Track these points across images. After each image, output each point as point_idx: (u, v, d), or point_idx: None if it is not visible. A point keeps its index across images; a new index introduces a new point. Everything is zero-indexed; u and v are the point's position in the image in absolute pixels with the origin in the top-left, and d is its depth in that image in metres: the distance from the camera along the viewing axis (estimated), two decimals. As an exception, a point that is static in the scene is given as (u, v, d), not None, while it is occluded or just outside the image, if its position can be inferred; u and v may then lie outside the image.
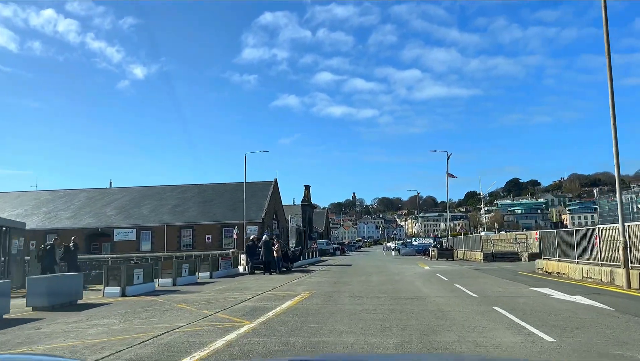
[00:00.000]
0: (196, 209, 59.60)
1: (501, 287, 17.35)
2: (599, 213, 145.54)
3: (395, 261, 40.88)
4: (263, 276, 25.08)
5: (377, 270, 28.13)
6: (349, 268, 31.37)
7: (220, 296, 15.63)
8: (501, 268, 29.51)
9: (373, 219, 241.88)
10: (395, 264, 34.90)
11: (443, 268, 29.11)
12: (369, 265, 34.64)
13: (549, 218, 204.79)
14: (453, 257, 41.92)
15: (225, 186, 63.75)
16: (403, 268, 29.55)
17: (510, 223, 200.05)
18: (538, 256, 36.36)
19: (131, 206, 61.25)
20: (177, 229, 57.28)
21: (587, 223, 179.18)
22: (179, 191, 63.73)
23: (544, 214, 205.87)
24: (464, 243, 44.90)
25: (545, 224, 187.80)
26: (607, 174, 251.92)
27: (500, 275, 23.41)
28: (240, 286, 19.30)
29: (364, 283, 19.37)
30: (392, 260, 43.95)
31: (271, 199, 60.54)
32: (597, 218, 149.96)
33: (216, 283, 21.54)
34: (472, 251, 41.34)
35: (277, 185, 63.94)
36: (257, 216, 57.06)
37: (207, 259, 25.23)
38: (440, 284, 18.89)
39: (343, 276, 23.42)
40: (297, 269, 30.44)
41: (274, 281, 21.49)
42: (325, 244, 68.15)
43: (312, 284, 19.16)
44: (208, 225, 56.73)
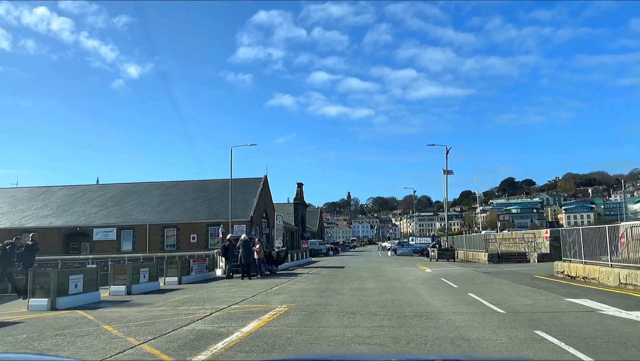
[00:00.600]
0: (181, 207, 55.89)
1: (527, 297, 13.83)
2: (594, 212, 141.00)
3: (392, 263, 37.36)
4: (241, 281, 21.46)
5: (373, 274, 24.58)
6: (341, 270, 27.80)
7: (171, 311, 12.02)
8: (511, 270, 26.03)
9: (368, 218, 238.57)
10: (393, 266, 31.39)
11: (447, 271, 25.59)
12: (364, 267, 31.09)
13: (545, 218, 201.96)
14: (454, 258, 38.44)
15: (213, 182, 60.06)
16: (402, 271, 26.01)
17: (505, 223, 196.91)
18: (548, 257, 32.99)
19: (112, 204, 57.47)
20: (160, 228, 53.55)
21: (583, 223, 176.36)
22: (163, 188, 59.98)
23: (539, 214, 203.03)
24: (465, 242, 41.43)
25: (541, 223, 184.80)
26: (603, 174, 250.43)
27: (515, 279, 19.94)
28: (206, 295, 15.67)
29: (357, 292, 15.79)
30: (389, 261, 40.42)
31: (261, 196, 56.92)
32: (593, 217, 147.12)
33: (181, 290, 17.91)
34: (475, 252, 37.86)
35: (267, 182, 60.32)
36: (245, 215, 53.41)
37: (174, 261, 21.57)
38: (450, 293, 15.34)
39: (333, 282, 19.85)
40: (282, 272, 26.86)
41: (250, 288, 17.88)
42: (317, 244, 64.54)
43: (293, 293, 15.56)
44: (193, 224, 53.05)
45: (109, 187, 61.78)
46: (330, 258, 54.67)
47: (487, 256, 34.38)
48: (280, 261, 25.68)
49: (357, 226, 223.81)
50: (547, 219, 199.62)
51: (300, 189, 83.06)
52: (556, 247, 33.17)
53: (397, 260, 42.33)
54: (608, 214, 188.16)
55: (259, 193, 56.37)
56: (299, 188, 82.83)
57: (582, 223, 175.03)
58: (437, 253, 37.93)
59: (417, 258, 46.04)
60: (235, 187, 60.10)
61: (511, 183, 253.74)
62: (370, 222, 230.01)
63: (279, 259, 25.32)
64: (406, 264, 33.68)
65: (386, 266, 32.46)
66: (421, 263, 35.09)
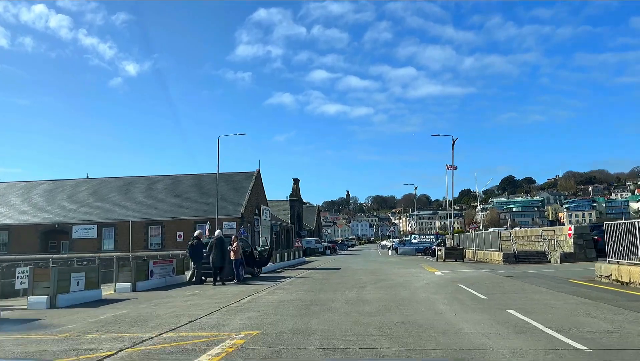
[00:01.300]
0: (167, 203, 51.61)
1: (595, 316, 9.55)
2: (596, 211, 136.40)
3: (394, 263, 33.08)
4: (209, 289, 17.14)
5: (374, 277, 20.28)
6: (336, 273, 23.49)
7: (63, 345, 7.72)
8: (536, 273, 21.75)
9: (367, 217, 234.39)
10: (396, 268, 27.10)
11: (461, 274, 21.32)
12: (363, 269, 26.78)
13: (546, 216, 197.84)
14: (463, 258, 34.15)
15: (202, 177, 55.79)
16: (407, 274, 21.71)
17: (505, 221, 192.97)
18: (572, 257, 28.71)
19: (94, 200, 53.18)
20: (143, 225, 49.28)
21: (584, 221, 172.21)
22: (148, 183, 55.67)
23: (540, 212, 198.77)
24: (474, 241, 37.12)
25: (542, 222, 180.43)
26: (603, 172, 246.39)
27: (551, 286, 15.70)
28: (145, 313, 11.34)
29: (354, 307, 11.50)
30: (390, 261, 36.12)
31: (252, 191, 52.65)
32: (594, 215, 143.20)
33: (123, 302, 13.61)
34: (487, 251, 33.58)
35: (260, 176, 56.03)
36: (235, 211, 49.19)
37: (128, 264, 17.27)
38: (480, 308, 11.05)
39: (323, 290, 15.54)
40: (267, 275, 22.58)
41: (214, 299, 13.59)
42: (314, 242, 60.25)
43: (265, 310, 11.26)
44: (179, 221, 48.76)
45: (92, 182, 57.49)
46: (326, 257, 50.38)
47: (501, 256, 30.10)
48: (263, 262, 21.37)
49: (356, 224, 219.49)
50: (547, 218, 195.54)
51: (297, 185, 78.76)
52: (581, 245, 28.96)
53: (400, 260, 38.06)
54: (610, 213, 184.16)
55: (251, 188, 52.11)
56: (295, 184, 78.52)
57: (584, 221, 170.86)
58: (444, 252, 33.64)
59: (421, 258, 41.77)
60: (225, 182, 55.85)
61: (511, 181, 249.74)
62: (369, 220, 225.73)
63: (261, 260, 21.01)
64: (411, 265, 29.40)
65: (388, 267, 28.16)
66: (427, 264, 30.82)
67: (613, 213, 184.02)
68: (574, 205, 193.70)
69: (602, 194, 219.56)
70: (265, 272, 23.79)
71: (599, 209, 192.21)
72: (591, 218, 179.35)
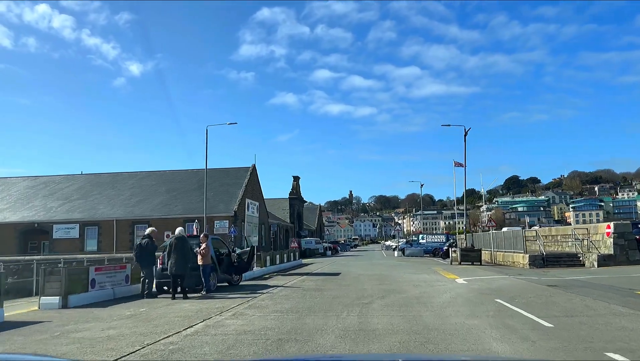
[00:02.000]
0: (155, 201, 47.38)
1: None
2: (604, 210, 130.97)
3: (403, 266, 28.70)
4: (166, 304, 12.80)
5: (381, 287, 15.91)
6: (335, 280, 19.10)
7: None
8: (578, 280, 17.38)
9: (370, 217, 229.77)
10: (406, 272, 22.71)
11: (490, 282, 16.92)
12: (367, 274, 22.38)
13: (552, 216, 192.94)
14: (480, 260, 29.73)
15: (194, 173, 51.52)
16: (422, 283, 17.32)
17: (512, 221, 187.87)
18: (612, 259, 24.18)
19: (77, 197, 48.98)
20: (129, 224, 45.04)
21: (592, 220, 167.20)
22: (136, 179, 51.44)
23: (546, 212, 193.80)
24: (492, 241, 32.66)
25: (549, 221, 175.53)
26: (609, 172, 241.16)
27: (623, 302, 11.33)
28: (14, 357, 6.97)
29: (353, 345, 7.11)
30: (398, 264, 31.71)
31: (247, 188, 48.35)
32: (602, 215, 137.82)
33: (16, 331, 9.29)
34: (508, 253, 29.16)
35: (255, 172, 51.74)
36: (227, 209, 44.94)
37: (57, 272, 12.95)
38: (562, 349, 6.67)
39: (312, 309, 11.14)
40: (248, 283, 18.24)
41: (149, 326, 9.20)
42: (314, 242, 55.86)
43: (208, 352, 6.90)
44: (168, 219, 44.42)
45: (76, 178, 53.28)
46: (327, 259, 45.99)
47: (527, 259, 25.68)
48: (242, 268, 16.95)
49: (359, 224, 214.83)
50: (553, 218, 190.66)
51: (297, 182, 74.45)
52: (623, 246, 24.46)
53: (408, 262, 33.65)
54: (618, 213, 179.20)
55: (246, 185, 47.81)
56: (295, 181, 74.21)
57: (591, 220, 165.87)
58: (460, 254, 29.18)
59: (430, 260, 37.35)
60: (218, 177, 51.60)
61: (516, 180, 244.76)
62: (372, 221, 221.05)
63: (240, 265, 16.62)
64: (423, 269, 24.99)
65: (397, 271, 23.74)
66: (441, 268, 26.42)
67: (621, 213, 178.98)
68: (580, 205, 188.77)
69: (608, 193, 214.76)
70: (248, 278, 19.45)
71: (606, 209, 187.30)
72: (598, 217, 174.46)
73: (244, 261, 16.69)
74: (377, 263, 33.77)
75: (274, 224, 58.80)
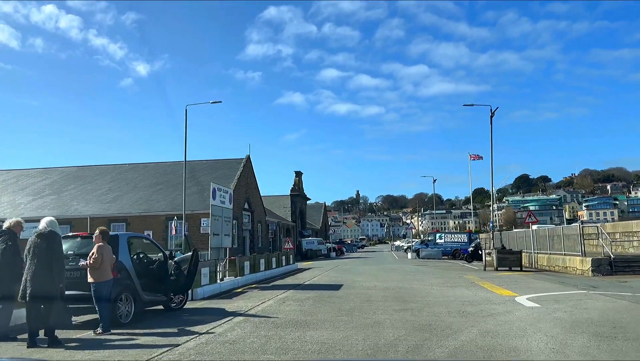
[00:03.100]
0: (135, 196, 41.23)
1: None
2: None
3: (423, 273, 22.23)
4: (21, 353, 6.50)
5: (407, 318, 9.47)
6: (332, 300, 12.58)
7: None
8: None
9: (377, 217, 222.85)
10: (434, 285, 16.25)
11: (578, 306, 10.41)
12: (379, 287, 15.90)
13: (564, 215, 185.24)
14: (521, 265, 23.16)
15: (181, 165, 45.32)
16: (469, 306, 10.87)
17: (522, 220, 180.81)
18: None
19: (50, 192, 42.95)
20: (104, 222, 38.74)
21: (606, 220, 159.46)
22: (117, 172, 45.33)
23: (559, 211, 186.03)
24: (533, 240, 26.04)
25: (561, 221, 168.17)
26: (621, 170, 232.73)
27: None
28: None
29: None
30: (417, 270, 25.22)
31: (240, 182, 42.08)
32: (616, 213, 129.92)
33: None
34: (556, 255, 22.63)
35: (250, 164, 45.45)
36: (216, 204, 38.54)
37: None
38: None
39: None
40: (199, 305, 11.88)
41: None
42: (316, 243, 49.42)
43: None
44: (149, 217, 38.29)
45: (51, 171, 47.24)
46: (330, 262, 39.53)
47: (589, 264, 19.15)
48: (180, 284, 10.41)
49: (366, 224, 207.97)
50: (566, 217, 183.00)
51: (299, 178, 68.08)
52: None
53: (427, 267, 27.17)
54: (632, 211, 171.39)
55: (238, 178, 41.50)
56: (297, 177, 67.85)
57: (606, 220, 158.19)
58: (497, 257, 22.58)
59: (454, 264, 30.85)
60: (207, 170, 45.42)
61: (526, 179, 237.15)
62: (380, 220, 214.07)
63: (178, 280, 10.20)
64: (453, 279, 18.51)
65: (420, 282, 17.26)
66: (476, 275, 19.94)
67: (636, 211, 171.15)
68: (594, 203, 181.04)
69: (620, 192, 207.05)
70: (208, 296, 13.17)
71: (620, 207, 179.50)
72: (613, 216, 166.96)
73: (181, 274, 10.29)
74: (390, 268, 27.28)
75: (273, 223, 52.49)
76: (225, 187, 19.57)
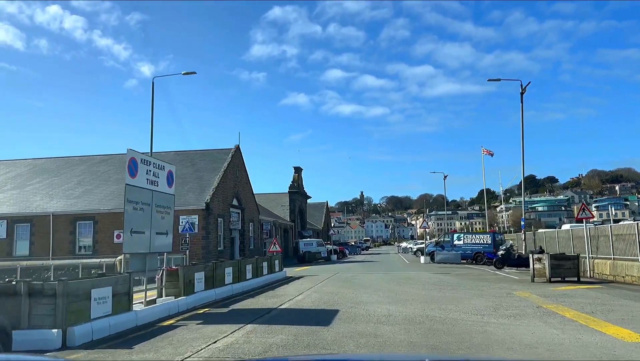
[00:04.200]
0: (106, 190, 35.46)
1: None
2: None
3: (452, 287, 16.25)
4: None
5: None
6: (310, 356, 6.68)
7: None
8: None
9: (382, 218, 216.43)
10: (482, 311, 10.29)
11: None
12: (398, 317, 9.93)
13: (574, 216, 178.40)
14: (578, 274, 17.14)
15: (162, 156, 39.58)
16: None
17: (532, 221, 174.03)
18: None
19: (12, 186, 37.24)
20: (69, 220, 33.09)
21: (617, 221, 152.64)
22: (88, 165, 39.56)
23: (567, 212, 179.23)
24: (588, 242, 19.99)
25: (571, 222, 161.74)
26: (630, 170, 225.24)
27: None
28: None
29: None
30: (440, 281, 19.19)
31: (228, 175, 36.26)
32: (627, 214, 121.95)
33: None
34: (625, 260, 16.60)
35: (240, 155, 39.59)
36: (198, 200, 32.83)
37: None
38: None
39: None
40: None
41: None
42: (315, 244, 43.33)
43: None
44: (119, 214, 32.22)
45: (17, 164, 41.51)
46: (329, 267, 33.53)
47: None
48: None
49: (370, 225, 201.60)
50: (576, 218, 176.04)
51: (299, 175, 62.14)
52: None
53: (452, 275, 21.18)
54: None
55: (225, 170, 35.63)
56: (297, 173, 61.91)
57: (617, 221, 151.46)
58: (549, 264, 16.55)
59: (480, 271, 24.82)
60: (191, 161, 39.66)
61: (532, 180, 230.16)
62: (384, 221, 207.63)
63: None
64: (503, 300, 12.52)
65: (457, 306, 11.28)
66: (528, 290, 13.95)
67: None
68: (604, 204, 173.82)
69: (630, 192, 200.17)
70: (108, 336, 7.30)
71: (631, 208, 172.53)
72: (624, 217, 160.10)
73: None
74: (404, 278, 21.28)
75: (268, 222, 46.56)
76: (162, 160, 13.59)
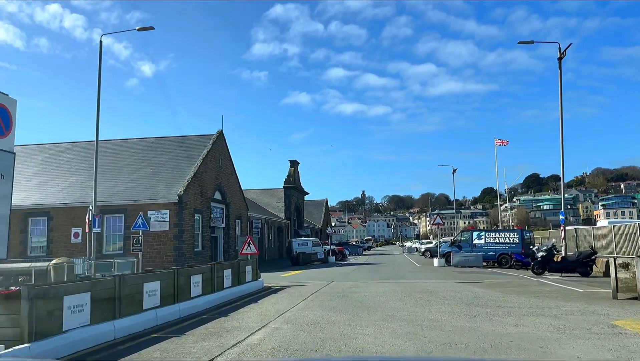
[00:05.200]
0: (65, 182, 30.13)
1: None
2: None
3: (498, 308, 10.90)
4: None
5: None
6: None
7: None
8: None
9: (384, 217, 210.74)
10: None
11: None
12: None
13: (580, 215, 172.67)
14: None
15: (135, 143, 34.29)
16: None
17: (537, 220, 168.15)
18: None
19: (-40, 178, 31.82)
20: (21, 216, 27.74)
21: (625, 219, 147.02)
22: (50, 153, 34.21)
23: (573, 210, 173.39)
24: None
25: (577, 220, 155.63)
26: (635, 168, 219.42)
27: None
28: None
29: None
30: (477, 297, 13.81)
31: (208, 165, 30.87)
32: (635, 213, 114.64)
33: None
34: None
35: (223, 142, 34.17)
36: (169, 193, 27.40)
37: None
38: None
39: None
40: None
41: None
42: (310, 244, 37.74)
43: None
44: (77, 208, 27.04)
45: (-28, 153, 36.18)
46: (325, 271, 28.01)
47: None
48: None
49: (372, 224, 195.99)
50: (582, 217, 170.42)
51: (294, 168, 56.68)
52: None
53: (484, 286, 15.79)
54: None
55: (203, 159, 30.20)
56: (293, 167, 56.44)
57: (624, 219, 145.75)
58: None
59: (514, 277, 19.37)
60: (165, 148, 34.36)
61: (536, 178, 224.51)
62: (386, 221, 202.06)
63: None
64: (602, 338, 7.13)
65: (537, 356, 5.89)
66: (626, 315, 8.53)
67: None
68: (611, 202, 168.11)
69: (635, 191, 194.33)
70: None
71: (638, 206, 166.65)
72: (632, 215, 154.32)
73: None
74: (422, 290, 15.84)
75: (259, 219, 41.16)
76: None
